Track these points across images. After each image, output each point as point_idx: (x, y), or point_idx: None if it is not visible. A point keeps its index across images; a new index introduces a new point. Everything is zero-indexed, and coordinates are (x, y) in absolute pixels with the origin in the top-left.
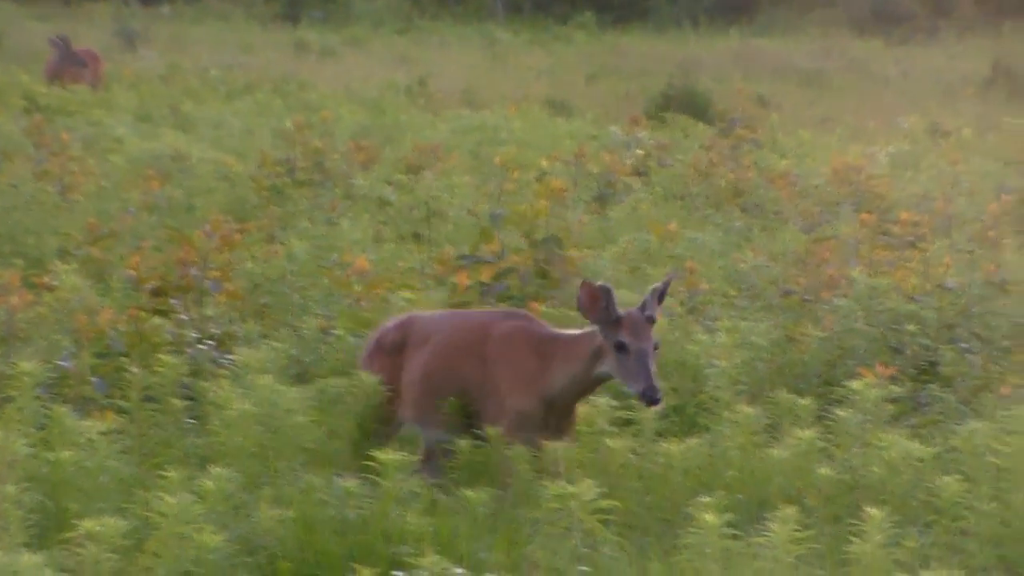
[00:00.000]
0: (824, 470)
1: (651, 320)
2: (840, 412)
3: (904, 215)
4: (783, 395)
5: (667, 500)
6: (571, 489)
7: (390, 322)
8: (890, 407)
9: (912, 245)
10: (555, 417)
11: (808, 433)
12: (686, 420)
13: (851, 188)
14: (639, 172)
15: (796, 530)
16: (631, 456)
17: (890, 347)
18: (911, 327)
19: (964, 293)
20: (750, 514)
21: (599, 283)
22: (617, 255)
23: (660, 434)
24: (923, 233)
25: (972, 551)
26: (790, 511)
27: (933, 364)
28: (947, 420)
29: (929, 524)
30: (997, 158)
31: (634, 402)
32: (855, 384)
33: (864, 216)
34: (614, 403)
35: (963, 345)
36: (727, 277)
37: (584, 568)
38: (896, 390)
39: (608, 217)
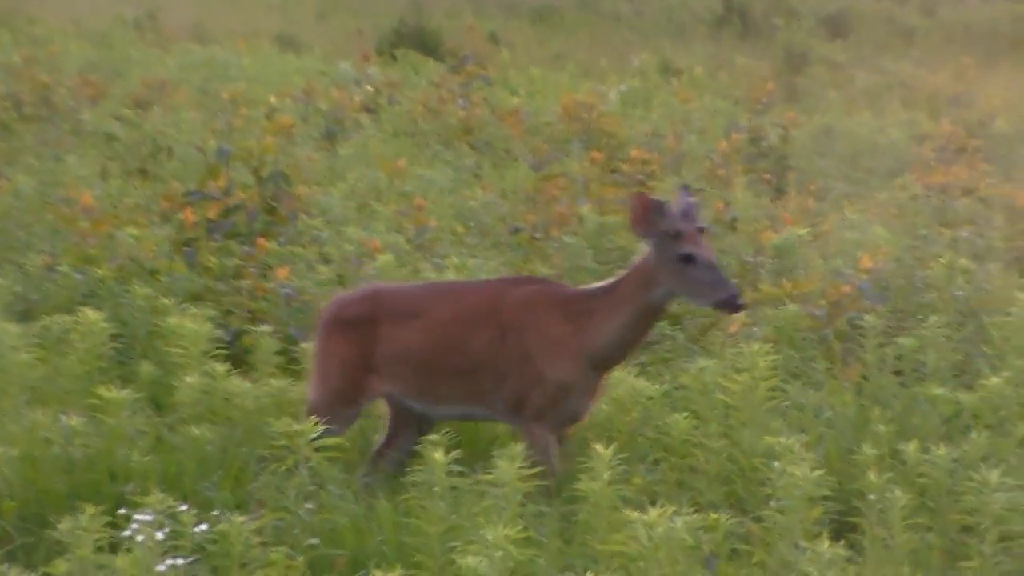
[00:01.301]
0: None
1: (704, 231)
2: None
3: (634, 153)
4: None
5: None
6: (297, 426)
7: (346, 297)
8: None
9: (642, 183)
10: (597, 377)
11: None
12: None
13: (581, 126)
14: (369, 109)
15: (523, 468)
16: None
17: None
18: None
19: None
20: (477, 452)
21: (654, 196)
22: (346, 192)
23: None
24: (653, 171)
25: (700, 488)
26: (517, 449)
27: None
28: (676, 358)
29: (657, 461)
30: (727, 97)
31: (715, 311)
32: None
33: (594, 154)
34: None
35: None
36: (456, 214)
37: (310, 506)
38: None
39: (337, 154)
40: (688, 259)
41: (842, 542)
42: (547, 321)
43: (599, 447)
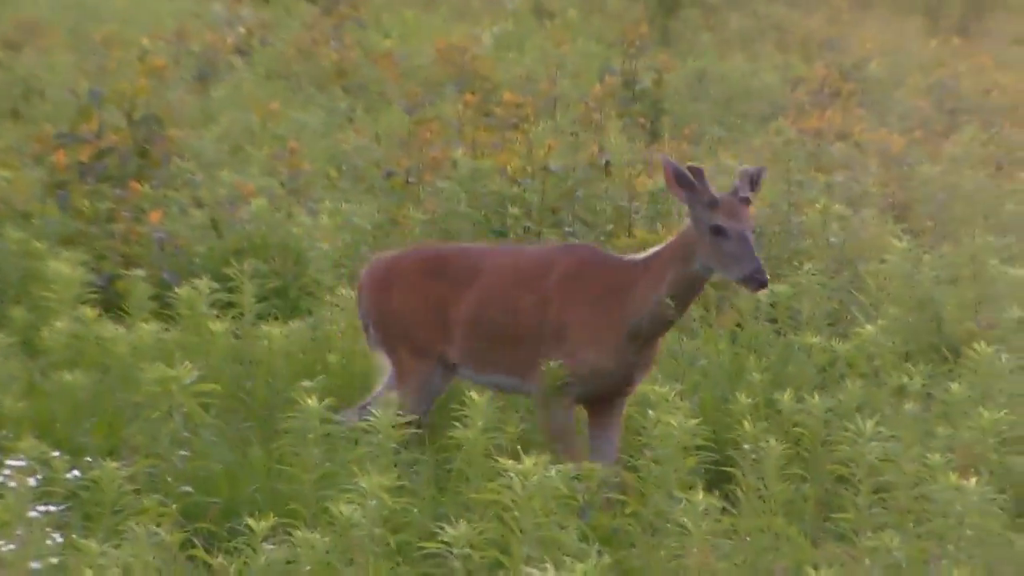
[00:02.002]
0: None
1: (746, 202)
2: None
3: (508, 96)
4: None
5: (268, 384)
6: (171, 372)
7: (398, 252)
8: None
9: (516, 127)
10: (638, 350)
11: None
12: (288, 303)
13: (455, 69)
14: (241, 51)
15: (398, 415)
16: (232, 339)
17: (493, 230)
18: (514, 209)
19: (568, 175)
20: (352, 398)
21: (689, 164)
22: (219, 135)
23: (261, 317)
24: (527, 115)
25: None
26: (392, 396)
27: None
28: None
29: (532, 410)
30: (601, 40)
31: (737, 287)
32: None
33: (468, 97)
34: (214, 285)
35: (566, 228)
36: (330, 158)
37: (184, 452)
38: None
39: (210, 96)
40: (718, 231)
41: (717, 492)
42: (587, 298)
43: (474, 395)
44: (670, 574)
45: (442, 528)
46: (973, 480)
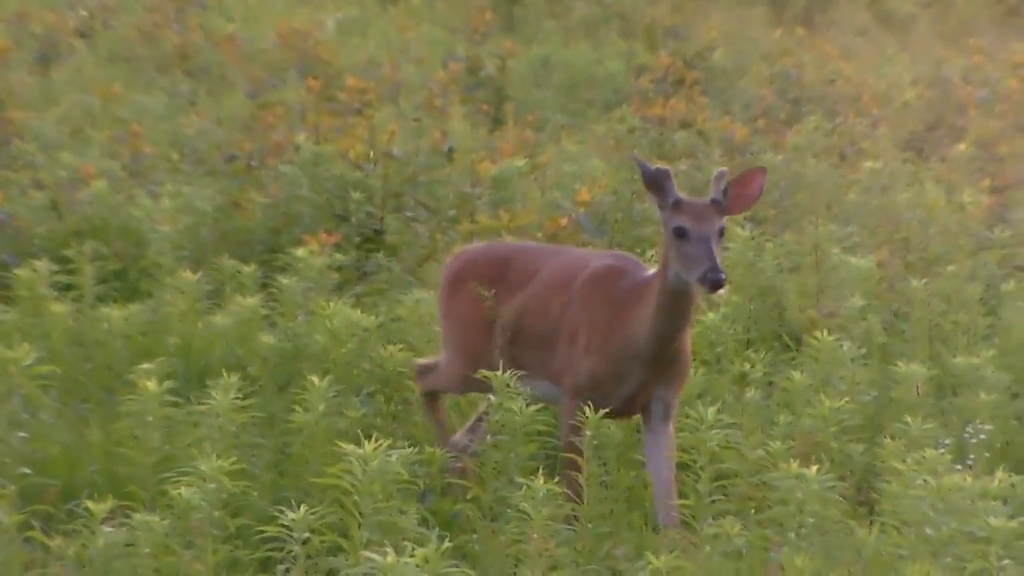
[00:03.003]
0: (267, 338)
1: (716, 204)
2: (284, 280)
3: (351, 81)
4: (226, 261)
5: (108, 366)
6: (9, 354)
7: (475, 250)
8: (334, 275)
9: (359, 112)
10: (654, 366)
11: (251, 300)
12: (128, 286)
13: (298, 53)
14: (83, 33)
15: (238, 398)
16: (71, 321)
17: (335, 215)
18: (357, 195)
19: (411, 161)
20: (192, 381)
21: (656, 166)
22: (60, 117)
23: (101, 299)
24: (370, 100)
25: (416, 422)
26: (233, 379)
27: (379, 233)
28: (392, 289)
29: (373, 394)
30: (445, 26)
31: (698, 289)
32: (299, 251)
33: (311, 82)
34: (54, 267)
35: (409, 214)
36: (172, 141)
37: (22, 434)
38: (341, 258)
39: (51, 78)
40: (680, 233)
41: (557, 479)
42: (602, 307)
43: (314, 379)
44: (510, 559)
45: (282, 512)
46: (814, 468)
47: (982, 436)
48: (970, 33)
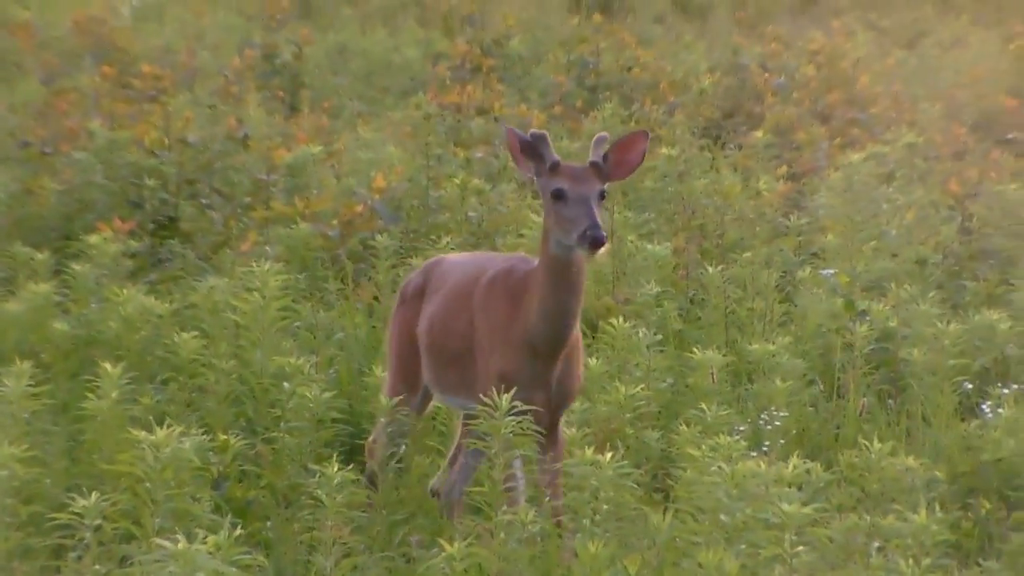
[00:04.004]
0: (60, 325)
1: (595, 167)
2: (77, 267)
3: (146, 68)
4: (19, 248)
5: None
6: None
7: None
8: (128, 262)
9: (154, 99)
10: (545, 364)
11: (44, 287)
12: None
13: (93, 40)
14: None
15: (31, 385)
16: None
17: (130, 201)
18: (151, 182)
19: (206, 148)
20: None
21: (532, 131)
22: None
23: None
24: (165, 87)
25: (210, 408)
26: (25, 366)
27: (173, 220)
28: (187, 276)
29: (166, 381)
30: (241, 12)
31: (580, 251)
32: (93, 238)
33: (105, 69)
34: None
35: (204, 201)
36: None
37: None
38: (135, 245)
39: None
40: (558, 195)
41: (352, 465)
42: (497, 307)
43: (107, 366)
44: (304, 547)
45: (74, 499)
46: (609, 455)
47: (777, 423)
48: (767, 21)
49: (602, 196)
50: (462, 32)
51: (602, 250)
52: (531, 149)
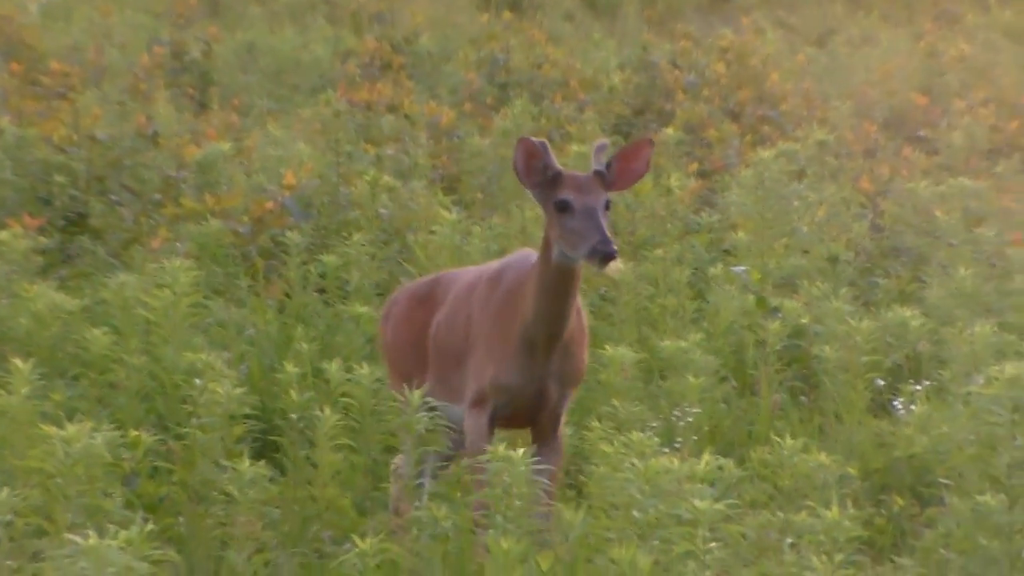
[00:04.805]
0: None
1: (599, 175)
2: None
3: (55, 65)
4: None
5: None
6: None
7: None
8: (38, 258)
9: (63, 96)
10: (544, 355)
11: None
12: None
13: (1, 37)
14: None
15: None
16: None
17: (39, 198)
18: (60, 178)
19: (115, 145)
20: None
21: (536, 138)
22: None
23: None
24: (74, 84)
25: (121, 404)
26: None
27: (83, 216)
28: (97, 272)
29: (77, 377)
30: (149, 10)
31: (587, 265)
32: (2, 235)
33: (14, 66)
34: None
35: (114, 197)
36: None
37: None
38: (44, 241)
39: None
40: (563, 207)
41: (264, 461)
42: (493, 308)
43: (18, 362)
44: (216, 542)
45: None
46: (521, 451)
47: (690, 419)
48: (677, 19)
49: (607, 207)
50: (371, 29)
51: (612, 264)
52: (541, 156)
